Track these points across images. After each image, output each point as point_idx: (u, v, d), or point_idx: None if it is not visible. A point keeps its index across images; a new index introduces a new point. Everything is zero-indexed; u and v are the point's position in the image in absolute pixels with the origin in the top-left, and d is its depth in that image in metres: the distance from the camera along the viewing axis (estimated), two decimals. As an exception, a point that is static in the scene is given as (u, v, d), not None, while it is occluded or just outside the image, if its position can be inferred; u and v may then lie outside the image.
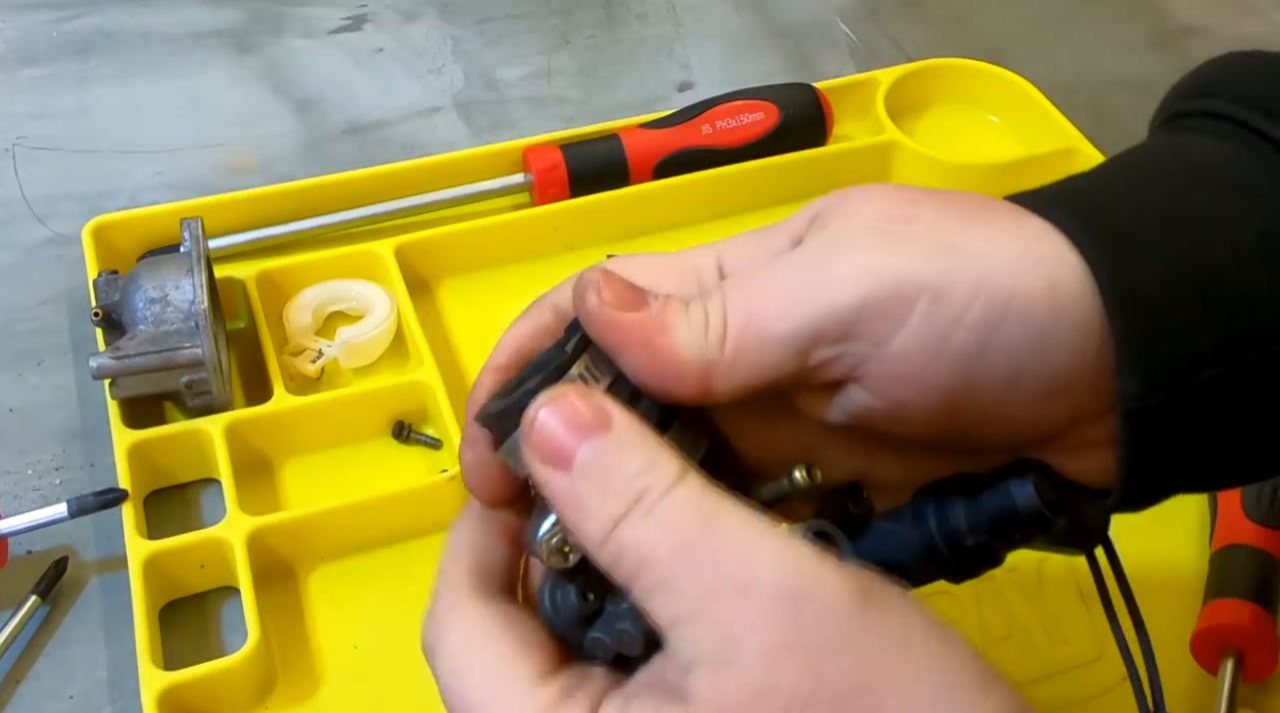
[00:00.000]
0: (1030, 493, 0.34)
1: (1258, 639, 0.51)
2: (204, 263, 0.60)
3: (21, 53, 0.83)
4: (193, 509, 0.58)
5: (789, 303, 0.33)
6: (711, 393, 0.34)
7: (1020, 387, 0.33)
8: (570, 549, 0.34)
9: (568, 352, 0.35)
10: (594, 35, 0.88)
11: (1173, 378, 0.32)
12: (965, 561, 0.36)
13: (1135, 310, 0.32)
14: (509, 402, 0.34)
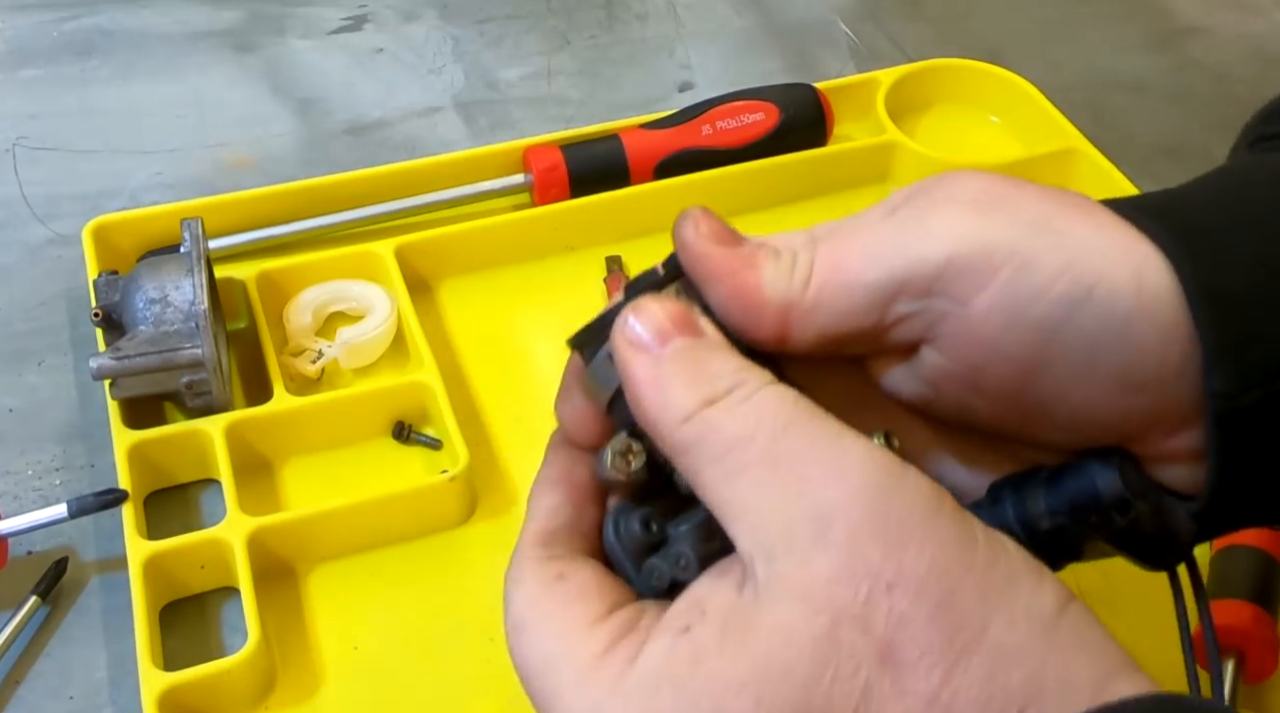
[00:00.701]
0: (1113, 475, 0.33)
1: (1258, 640, 0.51)
2: (204, 263, 0.60)
3: (21, 53, 0.83)
4: (193, 510, 0.58)
5: (876, 253, 0.34)
6: (788, 336, 0.35)
7: (1095, 374, 0.33)
8: (634, 455, 0.35)
9: (660, 274, 0.36)
10: (594, 35, 0.88)
11: (1265, 378, 0.31)
12: (1042, 548, 0.34)
13: (1222, 310, 0.31)
14: (600, 316, 0.36)
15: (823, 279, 0.34)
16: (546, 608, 0.34)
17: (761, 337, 0.35)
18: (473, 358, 0.65)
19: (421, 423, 0.61)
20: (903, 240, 0.34)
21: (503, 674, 0.52)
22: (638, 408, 0.33)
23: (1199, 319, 0.32)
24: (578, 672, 0.33)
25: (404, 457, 0.60)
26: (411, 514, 0.56)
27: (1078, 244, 0.32)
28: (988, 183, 0.35)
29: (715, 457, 0.31)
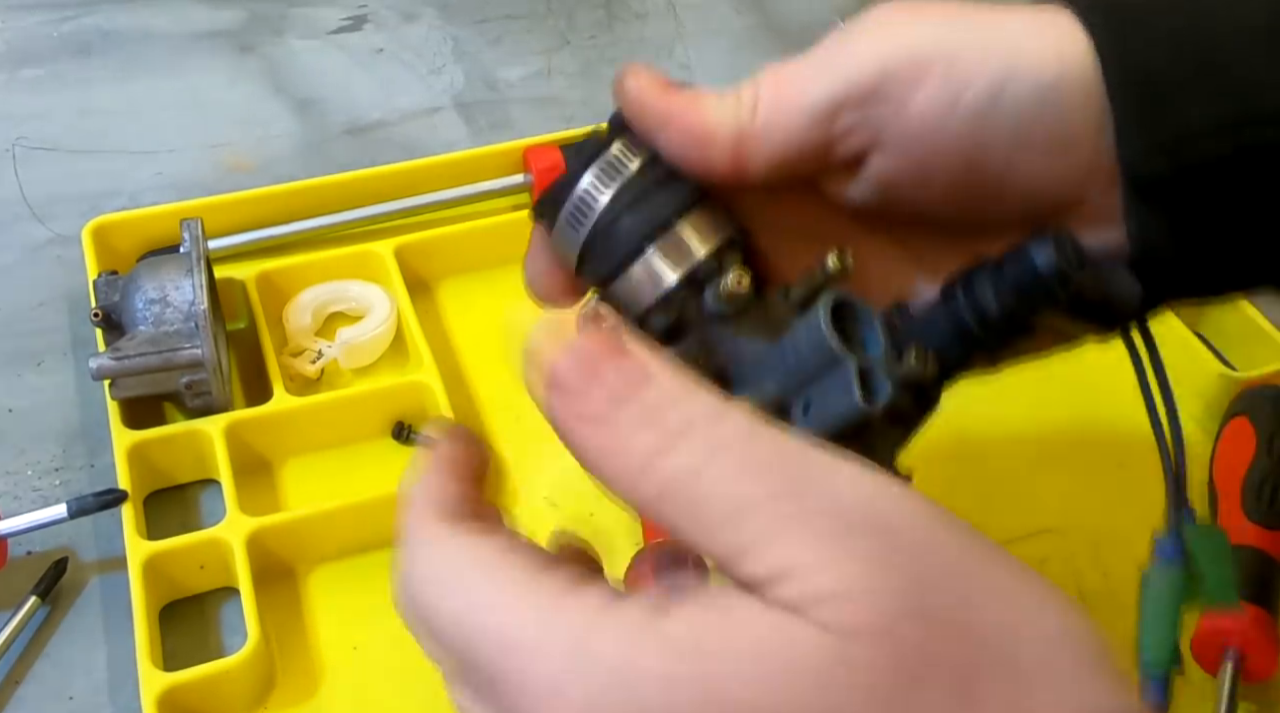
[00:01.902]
0: (1049, 251, 0.35)
1: (1258, 640, 0.51)
2: (204, 263, 0.60)
3: (21, 53, 0.83)
4: (192, 510, 0.58)
5: (816, 75, 0.36)
6: (744, 164, 0.36)
7: (1030, 144, 0.34)
8: (604, 319, 0.38)
9: (606, 134, 0.38)
10: (594, 35, 0.88)
11: (1173, 150, 0.33)
12: (996, 335, 0.36)
13: (1136, 82, 0.33)
14: (558, 182, 0.38)
15: (768, 106, 0.36)
16: (475, 561, 0.31)
17: (717, 171, 0.36)
18: (473, 358, 0.65)
19: (421, 423, 0.61)
20: (839, 60, 0.36)
21: (502, 674, 0.53)
22: (594, 472, 0.31)
23: (1111, 87, 0.33)
24: (540, 610, 0.28)
25: (404, 457, 0.60)
26: (411, 514, 0.56)
27: (999, 30, 0.35)
28: (913, 3, 0.37)
29: (680, 513, 0.28)
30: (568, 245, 0.39)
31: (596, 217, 0.38)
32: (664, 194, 0.38)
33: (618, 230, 0.38)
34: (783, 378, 0.37)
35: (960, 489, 0.60)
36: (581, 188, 0.38)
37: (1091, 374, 0.66)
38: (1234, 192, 0.34)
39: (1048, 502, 0.60)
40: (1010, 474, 0.61)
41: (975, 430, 0.62)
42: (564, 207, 0.38)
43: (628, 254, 0.38)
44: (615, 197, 0.38)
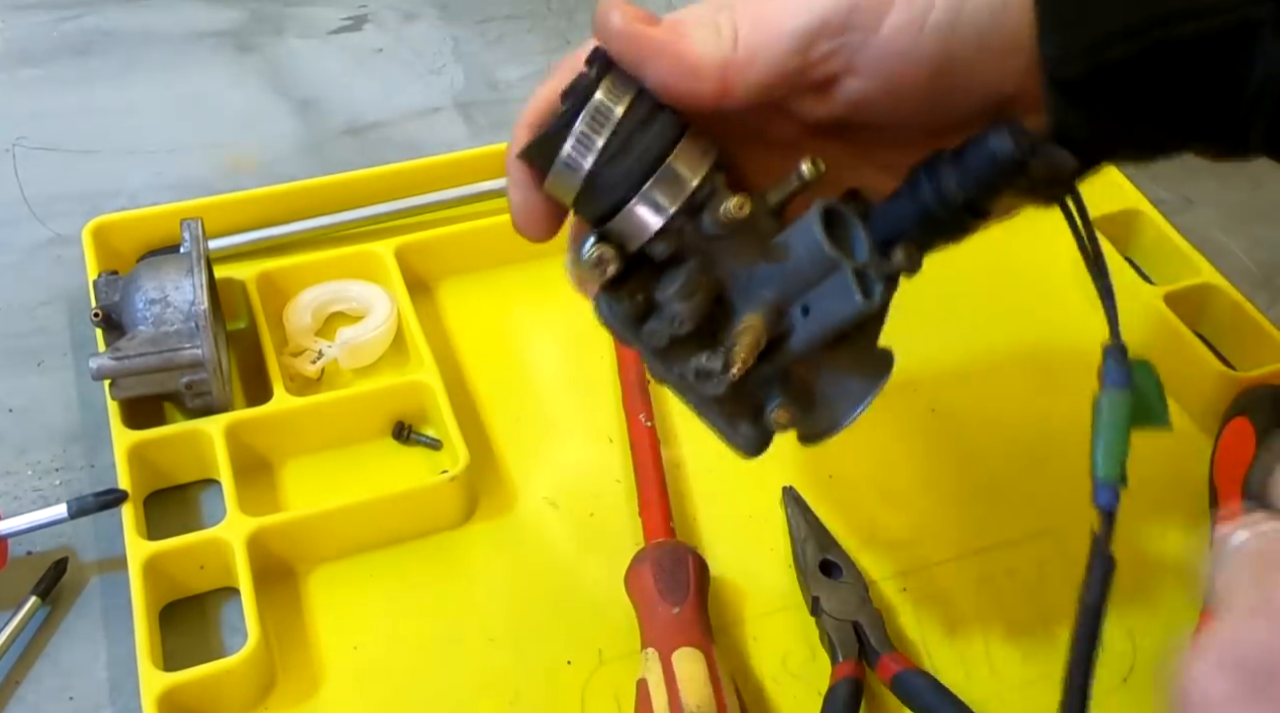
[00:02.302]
0: (1005, 138, 0.38)
1: (1258, 640, 0.50)
2: (204, 263, 0.60)
3: (21, 53, 0.83)
4: (193, 510, 0.58)
5: (792, 6, 0.39)
6: (729, 91, 0.39)
7: (988, 49, 0.39)
8: (610, 260, 0.40)
9: (591, 75, 0.39)
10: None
11: (1089, 51, 0.38)
12: (958, 218, 0.40)
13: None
14: (546, 130, 0.40)
15: (750, 35, 0.39)
16: None
17: (704, 97, 0.39)
18: (473, 358, 0.65)
19: (421, 423, 0.61)
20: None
21: (503, 674, 0.53)
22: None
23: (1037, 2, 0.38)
24: None
25: (404, 457, 0.60)
26: (411, 514, 0.56)
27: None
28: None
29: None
30: (563, 189, 0.41)
31: (591, 162, 0.40)
32: (652, 131, 0.40)
33: (613, 172, 0.40)
34: (781, 286, 0.41)
35: (960, 489, 0.60)
36: (575, 134, 0.40)
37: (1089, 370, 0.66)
38: (1142, 84, 0.38)
39: (1046, 501, 0.60)
40: (1010, 474, 0.61)
41: (973, 430, 0.62)
42: (558, 153, 0.40)
43: (626, 193, 0.40)
44: (607, 141, 0.40)
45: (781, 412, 0.42)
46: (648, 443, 0.59)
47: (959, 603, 0.55)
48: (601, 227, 0.41)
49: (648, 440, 0.59)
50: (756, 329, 0.41)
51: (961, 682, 0.52)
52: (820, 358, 0.43)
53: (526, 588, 0.55)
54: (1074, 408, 0.62)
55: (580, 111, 0.40)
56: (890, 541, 0.57)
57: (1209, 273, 0.67)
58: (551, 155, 0.40)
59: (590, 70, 0.40)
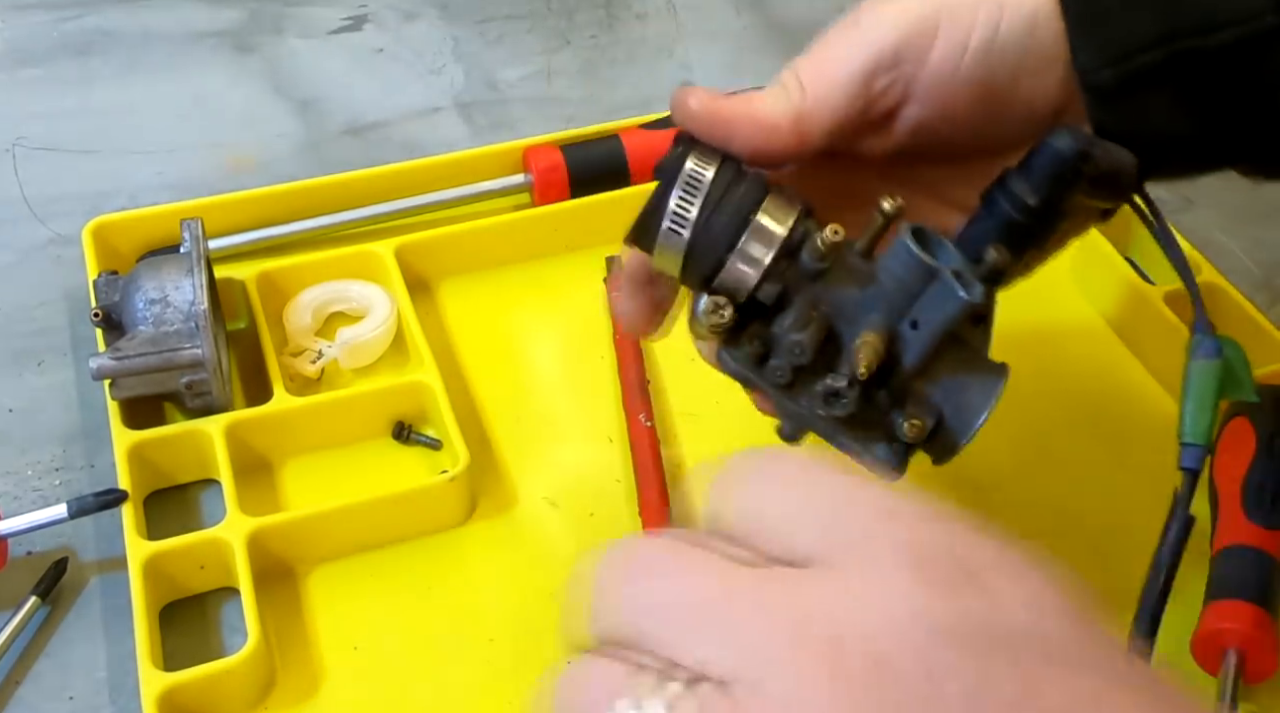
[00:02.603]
0: (1066, 136, 0.41)
1: (1258, 641, 0.51)
2: (204, 263, 0.60)
3: (21, 53, 0.83)
4: (193, 510, 0.58)
5: (846, 51, 0.43)
6: (806, 139, 0.43)
7: (1025, 68, 0.42)
8: (722, 307, 0.43)
9: (678, 150, 0.43)
10: (594, 35, 0.88)
11: (1119, 59, 0.41)
12: (1039, 221, 0.43)
13: (1085, 10, 0.41)
14: (646, 208, 0.44)
15: (814, 83, 0.43)
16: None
17: (786, 149, 0.43)
18: (473, 358, 0.65)
19: (421, 423, 0.61)
20: (862, 35, 0.43)
21: (503, 674, 0.53)
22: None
23: (1067, 12, 0.41)
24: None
25: (404, 457, 0.60)
26: (411, 514, 0.56)
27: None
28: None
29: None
30: (670, 259, 0.44)
31: (691, 227, 0.43)
32: (740, 189, 0.43)
33: (711, 233, 0.43)
34: (886, 307, 0.43)
35: (960, 489, 0.60)
36: (673, 205, 0.43)
37: (1087, 365, 0.66)
38: (1173, 92, 0.41)
39: (1046, 502, 0.60)
40: (1010, 474, 0.61)
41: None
42: (660, 226, 0.44)
43: (725, 250, 0.43)
44: (703, 205, 0.43)
45: (913, 423, 0.43)
46: (647, 443, 0.59)
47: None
48: (709, 286, 0.44)
49: (647, 441, 0.59)
50: (873, 341, 0.42)
51: (961, 682, 0.52)
52: (938, 373, 0.44)
53: (526, 588, 0.55)
54: (1075, 407, 0.62)
55: (674, 184, 0.43)
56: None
57: (1209, 273, 0.67)
58: (655, 230, 0.44)
59: (677, 148, 0.44)
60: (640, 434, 0.60)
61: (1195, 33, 0.40)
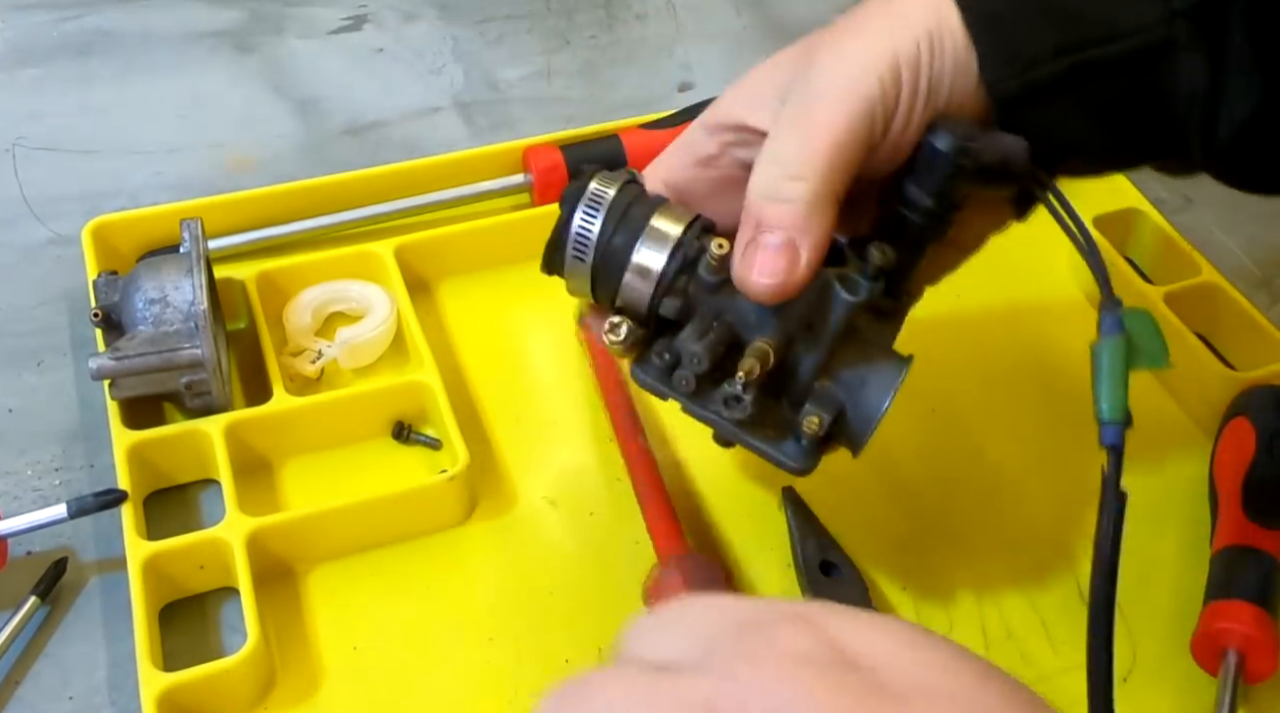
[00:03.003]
0: (943, 134, 0.44)
1: (1258, 641, 0.51)
2: (204, 263, 0.60)
3: (21, 53, 0.83)
4: (192, 510, 0.58)
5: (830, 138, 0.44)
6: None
7: (957, 84, 0.44)
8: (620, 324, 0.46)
9: (582, 178, 0.47)
10: (594, 35, 0.88)
11: (1022, 71, 0.43)
12: (934, 218, 0.45)
13: (990, 26, 0.43)
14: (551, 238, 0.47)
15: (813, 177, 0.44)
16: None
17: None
18: (473, 358, 0.65)
19: (421, 423, 0.61)
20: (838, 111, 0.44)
21: (503, 674, 0.53)
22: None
23: (973, 33, 0.43)
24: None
25: (404, 457, 0.60)
26: (411, 514, 0.56)
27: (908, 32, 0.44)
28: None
29: None
30: (580, 282, 0.47)
31: (594, 249, 0.46)
32: (637, 209, 0.46)
33: (612, 249, 0.46)
34: (783, 317, 0.45)
35: (960, 489, 0.60)
36: (576, 228, 0.46)
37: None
38: (1075, 99, 0.44)
39: (1046, 502, 0.60)
40: (1010, 475, 0.61)
41: (973, 430, 0.62)
42: (566, 250, 0.46)
43: (622, 262, 0.46)
44: (603, 227, 0.46)
45: (811, 419, 0.45)
46: (645, 466, 0.58)
47: (959, 603, 0.55)
48: (616, 306, 0.47)
49: (645, 464, 0.58)
50: (762, 349, 0.45)
51: (961, 682, 0.52)
52: (838, 371, 0.46)
53: (526, 588, 0.55)
54: (1075, 407, 0.62)
55: (577, 206, 0.46)
56: (890, 540, 0.57)
57: (1209, 273, 0.67)
58: (562, 254, 0.46)
59: (582, 175, 0.47)
60: (635, 458, 0.59)
61: (1095, 44, 0.43)
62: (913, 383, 0.64)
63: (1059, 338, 0.66)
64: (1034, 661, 0.53)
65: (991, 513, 0.59)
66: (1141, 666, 0.53)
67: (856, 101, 0.43)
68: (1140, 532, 0.59)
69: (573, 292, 0.48)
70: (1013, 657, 0.53)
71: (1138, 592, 0.55)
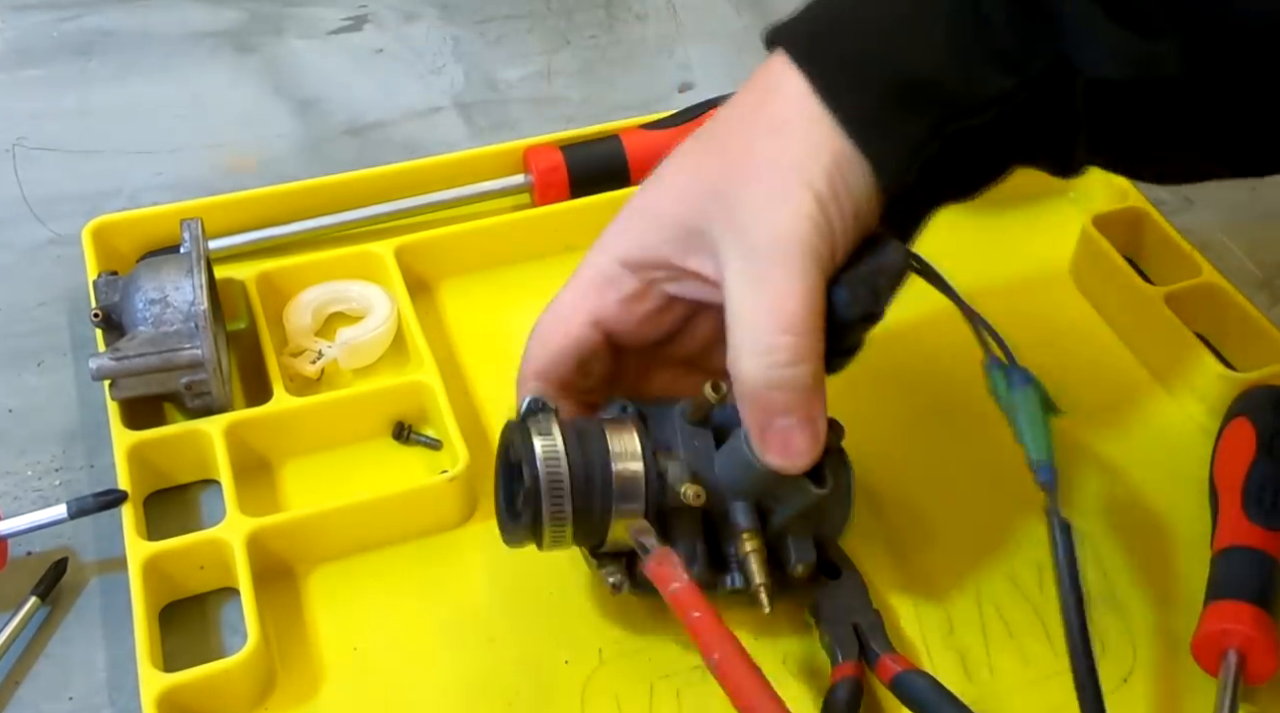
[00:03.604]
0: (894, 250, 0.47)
1: (1259, 641, 0.50)
2: (204, 264, 0.60)
3: (21, 53, 0.83)
4: (192, 510, 0.58)
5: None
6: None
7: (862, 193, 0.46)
8: (618, 573, 0.50)
9: (518, 436, 0.49)
10: (594, 35, 0.88)
11: (909, 166, 0.45)
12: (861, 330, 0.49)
13: (872, 134, 0.45)
14: (515, 509, 0.49)
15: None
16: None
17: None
18: (473, 358, 0.65)
19: (421, 423, 0.61)
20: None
21: (502, 674, 0.53)
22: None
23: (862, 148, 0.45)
24: None
25: (404, 457, 0.60)
26: (411, 514, 0.56)
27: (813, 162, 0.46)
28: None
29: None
30: (560, 541, 0.49)
31: (570, 513, 0.47)
32: (591, 442, 0.48)
33: (590, 512, 0.48)
34: (749, 491, 0.49)
35: (960, 490, 0.60)
36: (548, 507, 0.47)
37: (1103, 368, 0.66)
38: (947, 165, 0.46)
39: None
40: (1011, 476, 0.61)
41: (974, 430, 0.62)
42: (543, 521, 0.47)
43: (603, 520, 0.48)
44: (571, 487, 0.47)
45: (798, 567, 0.51)
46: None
47: (959, 604, 0.55)
48: (597, 550, 0.50)
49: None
50: (753, 540, 0.49)
51: (961, 682, 0.52)
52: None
53: (526, 588, 0.55)
54: (1074, 408, 0.62)
55: (539, 476, 0.47)
56: (890, 541, 0.57)
57: (1209, 273, 0.67)
58: (541, 525, 0.48)
59: (510, 433, 0.49)
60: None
61: (962, 115, 0.45)
62: (913, 384, 0.65)
63: (1060, 338, 0.66)
64: (1034, 661, 0.53)
65: (993, 513, 0.59)
66: (1141, 666, 0.53)
67: (808, 259, 0.45)
68: (1140, 532, 0.59)
69: (546, 549, 0.49)
70: (1013, 657, 0.53)
71: (1138, 592, 0.55)
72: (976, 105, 0.45)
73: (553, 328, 0.51)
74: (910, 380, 0.64)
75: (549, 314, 0.52)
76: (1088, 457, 0.61)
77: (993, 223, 0.71)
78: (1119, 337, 0.67)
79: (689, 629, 0.45)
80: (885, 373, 0.61)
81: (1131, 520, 0.59)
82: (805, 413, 0.46)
